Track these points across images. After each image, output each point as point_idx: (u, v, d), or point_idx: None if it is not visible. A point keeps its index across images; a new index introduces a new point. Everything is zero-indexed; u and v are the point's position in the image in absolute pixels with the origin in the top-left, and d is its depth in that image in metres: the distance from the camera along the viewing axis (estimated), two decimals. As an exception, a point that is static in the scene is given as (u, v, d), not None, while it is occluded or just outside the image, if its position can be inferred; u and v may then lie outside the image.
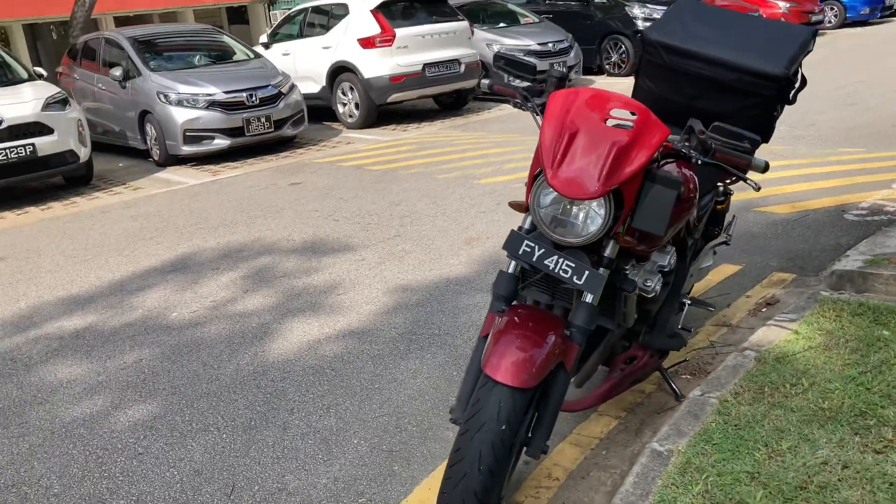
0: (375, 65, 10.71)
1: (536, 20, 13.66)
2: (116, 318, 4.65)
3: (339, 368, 3.69)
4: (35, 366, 4.07)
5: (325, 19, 11.67)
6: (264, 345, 4.04)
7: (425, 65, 10.87)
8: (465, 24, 11.46)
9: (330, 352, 3.88)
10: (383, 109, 11.62)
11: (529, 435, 2.33)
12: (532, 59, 2.57)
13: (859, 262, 3.72)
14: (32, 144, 8.04)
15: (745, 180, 2.35)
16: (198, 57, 10.72)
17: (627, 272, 2.48)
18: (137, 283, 5.26)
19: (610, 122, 2.20)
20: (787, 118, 8.24)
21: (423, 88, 11.05)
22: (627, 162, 2.13)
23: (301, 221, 6.37)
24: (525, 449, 2.34)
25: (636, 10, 13.68)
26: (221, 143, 9.41)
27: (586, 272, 2.23)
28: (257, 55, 10.91)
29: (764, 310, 3.75)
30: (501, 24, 13.51)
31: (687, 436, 2.47)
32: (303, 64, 11.66)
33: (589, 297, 2.30)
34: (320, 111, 11.79)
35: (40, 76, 9.30)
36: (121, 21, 26.27)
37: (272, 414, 3.34)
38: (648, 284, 2.51)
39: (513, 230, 2.35)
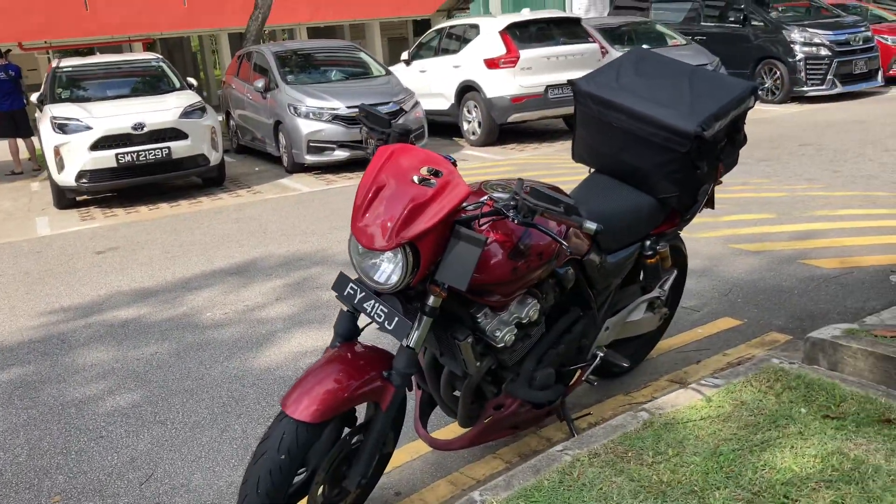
0: (498, 85, 10.91)
1: (684, 42, 13.25)
2: (163, 312, 5.19)
3: (304, 381, 3.94)
4: (76, 348, 4.67)
5: (459, 39, 12.03)
6: (259, 351, 4.39)
7: (548, 86, 10.92)
8: (594, 46, 11.39)
9: (308, 364, 4.15)
10: (510, 128, 11.80)
11: (346, 468, 2.47)
12: (385, 115, 2.70)
13: (838, 331, 3.44)
14: (168, 147, 9.01)
15: (561, 243, 2.33)
16: (333, 72, 11.44)
17: (479, 321, 2.54)
18: (199, 282, 5.82)
19: (417, 180, 2.29)
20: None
21: (545, 110, 11.11)
22: (422, 218, 2.21)
23: (367, 236, 6.70)
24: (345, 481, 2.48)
25: (795, 35, 12.89)
26: (341, 154, 10.02)
27: (396, 318, 2.33)
28: (388, 72, 11.45)
29: (727, 371, 3.57)
30: (644, 46, 13.22)
31: (514, 489, 2.48)
32: (436, 81, 12.09)
33: (409, 342, 2.40)
34: (450, 127, 12.18)
35: (190, 86, 10.36)
36: (312, 33, 28.30)
37: (222, 417, 3.65)
38: (497, 335, 2.55)
39: (341, 272, 2.49)
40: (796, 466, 2.44)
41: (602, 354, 3.08)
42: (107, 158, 8.76)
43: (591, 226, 2.27)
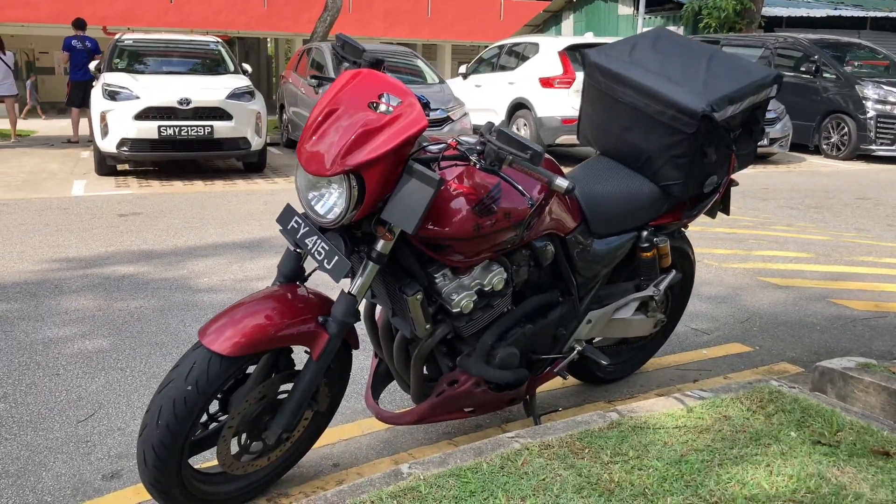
0: (550, 105, 10.71)
1: (750, 87, 12.81)
2: (161, 272, 5.09)
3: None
4: (65, 294, 4.58)
5: (518, 57, 11.90)
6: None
7: (601, 112, 10.66)
8: (653, 77, 11.10)
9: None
10: (558, 151, 11.56)
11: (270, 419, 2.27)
12: (360, 44, 2.47)
13: (851, 364, 3.11)
14: (211, 126, 9.02)
15: (524, 195, 2.08)
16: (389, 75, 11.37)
17: (437, 281, 2.32)
18: (208, 251, 5.72)
19: (375, 106, 2.09)
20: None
21: (595, 135, 10.84)
22: (370, 145, 2.01)
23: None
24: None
25: (868, 90, 12.37)
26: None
27: (336, 258, 2.13)
28: (442, 80, 11.36)
29: (718, 387, 3.26)
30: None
31: (448, 466, 2.24)
32: (490, 96, 11.97)
33: (351, 287, 2.19)
34: (499, 144, 12.00)
35: (245, 72, 10.41)
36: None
37: (184, 370, 3.48)
38: (453, 298, 2.32)
39: (288, 204, 2.30)
40: (767, 484, 2.14)
41: (580, 348, 2.81)
42: (149, 129, 8.80)
43: (563, 183, 2.04)
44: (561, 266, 2.66)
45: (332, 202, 2.11)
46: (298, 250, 2.31)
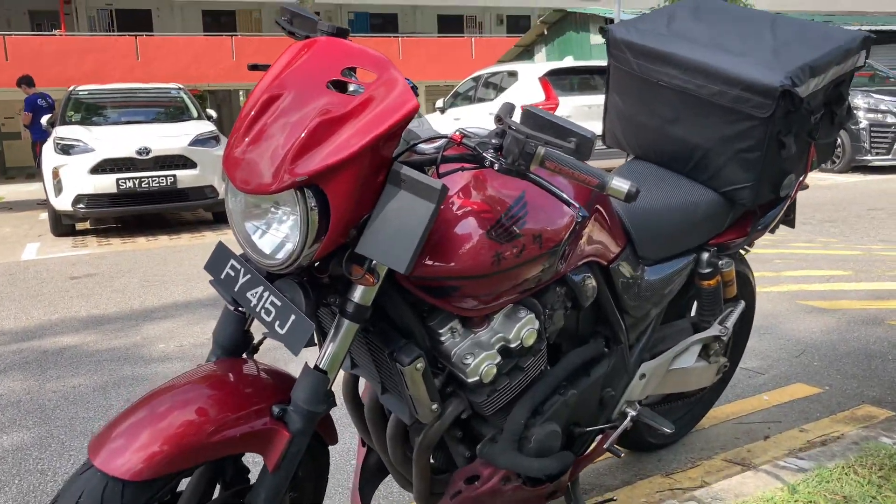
0: (534, 133, 10.11)
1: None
2: (110, 341, 4.36)
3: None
4: (-10, 374, 3.84)
5: (496, 88, 11.38)
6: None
7: (588, 137, 10.10)
8: (640, 97, 10.59)
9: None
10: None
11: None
12: (314, 15, 1.80)
13: (971, 405, 2.44)
14: (174, 176, 8.36)
15: (570, 205, 1.41)
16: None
17: (443, 338, 1.63)
18: (166, 312, 5.00)
19: (339, 87, 1.42)
20: None
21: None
22: (333, 144, 1.33)
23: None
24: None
25: (859, 100, 11.92)
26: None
27: (292, 317, 1.43)
28: (420, 115, 10.74)
29: (815, 451, 2.57)
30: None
31: None
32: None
33: (321, 360, 1.50)
34: (483, 178, 11.41)
35: (209, 117, 9.78)
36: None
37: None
38: (468, 362, 1.63)
39: (220, 242, 1.61)
40: None
41: (634, 413, 2.11)
42: (107, 183, 8.15)
43: (622, 185, 1.38)
44: (604, 305, 1.97)
45: (281, 234, 1.42)
46: (240, 309, 1.61)
